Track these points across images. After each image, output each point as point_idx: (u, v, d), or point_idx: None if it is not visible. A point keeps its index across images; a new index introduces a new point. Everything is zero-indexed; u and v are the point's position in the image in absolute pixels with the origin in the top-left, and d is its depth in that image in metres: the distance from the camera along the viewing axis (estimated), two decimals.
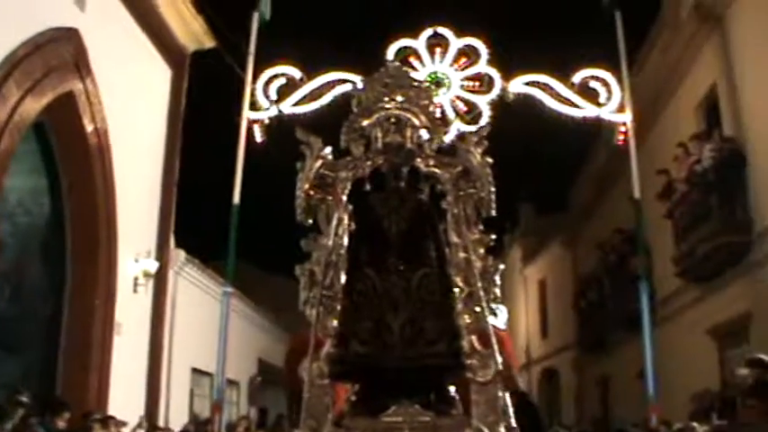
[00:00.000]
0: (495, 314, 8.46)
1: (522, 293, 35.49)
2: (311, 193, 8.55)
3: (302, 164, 8.54)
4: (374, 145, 8.55)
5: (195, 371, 18.53)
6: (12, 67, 11.38)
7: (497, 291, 8.13)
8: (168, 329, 16.55)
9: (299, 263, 8.56)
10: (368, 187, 8.56)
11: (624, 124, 14.02)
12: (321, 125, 9.49)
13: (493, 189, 8.16)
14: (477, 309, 8.08)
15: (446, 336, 7.74)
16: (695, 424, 9.33)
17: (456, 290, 8.16)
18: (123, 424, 10.81)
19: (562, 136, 18.23)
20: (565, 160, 28.39)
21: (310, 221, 8.49)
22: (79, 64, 13.02)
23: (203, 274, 18.66)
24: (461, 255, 8.21)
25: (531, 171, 35.20)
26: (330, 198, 8.53)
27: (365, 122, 8.67)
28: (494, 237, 8.31)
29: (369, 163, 8.59)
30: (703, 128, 16.02)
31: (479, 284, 8.03)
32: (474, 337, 7.93)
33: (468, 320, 8.07)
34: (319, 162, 8.62)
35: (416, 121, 8.63)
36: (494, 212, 8.21)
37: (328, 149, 8.61)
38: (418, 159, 8.42)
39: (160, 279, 16.02)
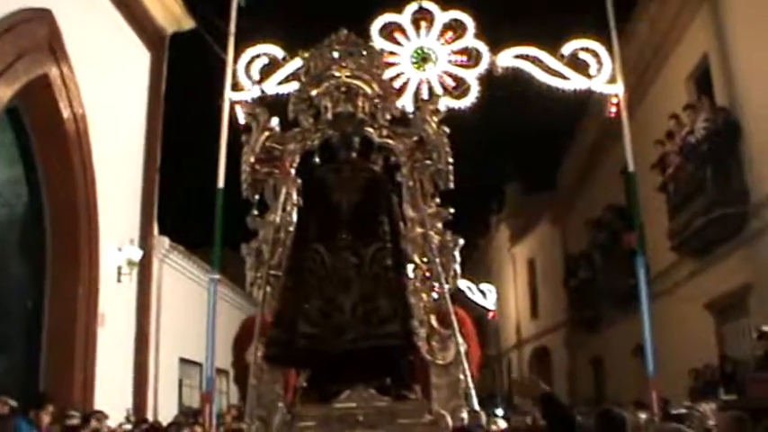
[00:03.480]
0: (454, 292, 8.07)
1: (511, 273, 35.32)
2: (257, 167, 8.01)
3: (248, 137, 8.01)
4: (324, 116, 8.05)
5: (183, 361, 18.16)
6: None
7: (457, 267, 7.68)
8: (154, 319, 16.17)
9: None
10: (317, 160, 8.07)
11: (616, 96, 13.73)
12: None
13: (451, 160, 7.68)
14: (437, 286, 7.63)
15: (400, 314, 7.25)
16: (704, 404, 9.03)
17: (411, 266, 7.69)
18: (106, 417, 10.45)
19: (550, 113, 17.95)
20: (552, 138, 28.10)
21: (257, 197, 7.97)
22: (54, 46, 12.56)
23: (189, 261, 18.27)
24: (418, 230, 7.74)
25: (518, 149, 34.90)
26: (277, 172, 8.00)
27: (314, 92, 8.15)
28: (452, 210, 7.86)
29: (318, 134, 8.10)
30: (695, 98, 15.73)
31: (438, 260, 7.57)
32: (433, 317, 7.48)
33: (426, 299, 7.61)
34: (265, 134, 8.08)
35: (368, 90, 8.13)
36: (452, 185, 7.74)
37: (275, 121, 8.08)
38: (370, 129, 7.93)
39: (144, 267, 15.63)
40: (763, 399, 7.79)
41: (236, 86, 13.81)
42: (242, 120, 13.65)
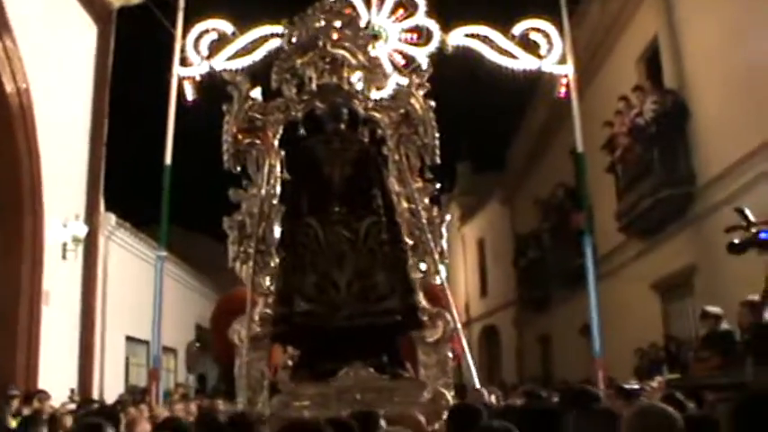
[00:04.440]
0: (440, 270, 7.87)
1: (461, 252, 35.34)
2: (239, 137, 7.81)
3: (229, 106, 7.79)
4: (308, 86, 7.85)
5: (130, 339, 18.02)
6: None
7: (444, 244, 7.55)
8: (100, 297, 15.97)
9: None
10: (302, 131, 7.88)
11: (566, 76, 13.71)
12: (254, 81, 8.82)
13: (437, 135, 7.57)
14: (425, 263, 7.51)
15: (399, 290, 7.12)
16: (653, 383, 9.09)
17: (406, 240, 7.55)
18: (48, 397, 10.27)
19: (500, 93, 17.91)
20: (502, 118, 28.12)
21: (239, 169, 7.76)
22: None
23: (136, 238, 18.07)
24: (404, 205, 7.61)
25: (468, 128, 34.84)
26: (260, 143, 7.81)
27: (299, 61, 7.95)
28: (438, 186, 7.74)
29: (302, 105, 7.89)
30: (644, 80, 15.82)
31: (429, 236, 7.45)
32: (421, 295, 7.35)
33: (415, 276, 7.47)
34: (248, 103, 7.87)
35: (354, 61, 7.96)
36: (438, 160, 7.62)
37: (258, 91, 7.87)
38: (356, 102, 7.77)
39: (90, 244, 15.42)
40: (705, 377, 7.89)
41: (184, 62, 13.59)
42: (190, 96, 13.50)
